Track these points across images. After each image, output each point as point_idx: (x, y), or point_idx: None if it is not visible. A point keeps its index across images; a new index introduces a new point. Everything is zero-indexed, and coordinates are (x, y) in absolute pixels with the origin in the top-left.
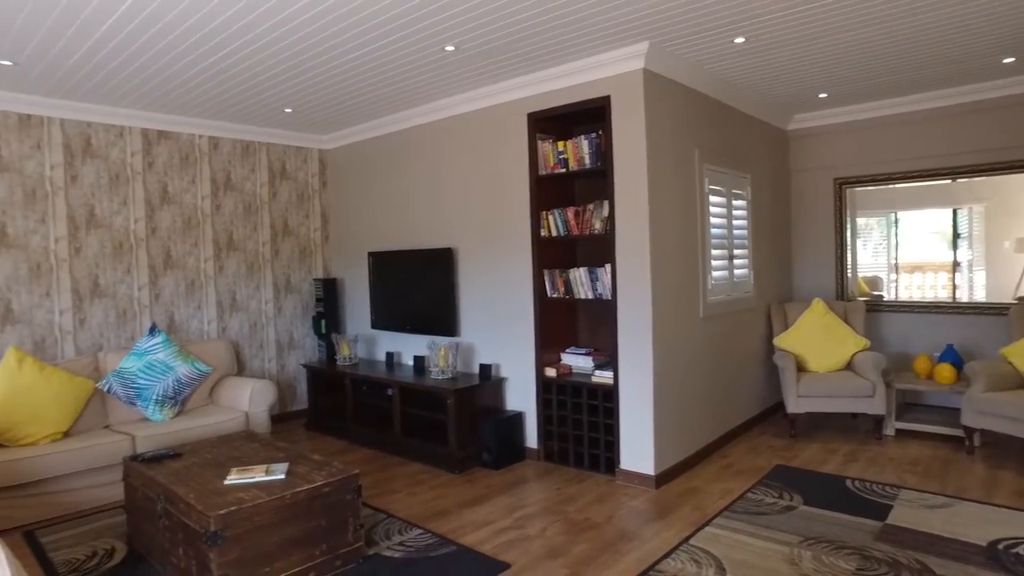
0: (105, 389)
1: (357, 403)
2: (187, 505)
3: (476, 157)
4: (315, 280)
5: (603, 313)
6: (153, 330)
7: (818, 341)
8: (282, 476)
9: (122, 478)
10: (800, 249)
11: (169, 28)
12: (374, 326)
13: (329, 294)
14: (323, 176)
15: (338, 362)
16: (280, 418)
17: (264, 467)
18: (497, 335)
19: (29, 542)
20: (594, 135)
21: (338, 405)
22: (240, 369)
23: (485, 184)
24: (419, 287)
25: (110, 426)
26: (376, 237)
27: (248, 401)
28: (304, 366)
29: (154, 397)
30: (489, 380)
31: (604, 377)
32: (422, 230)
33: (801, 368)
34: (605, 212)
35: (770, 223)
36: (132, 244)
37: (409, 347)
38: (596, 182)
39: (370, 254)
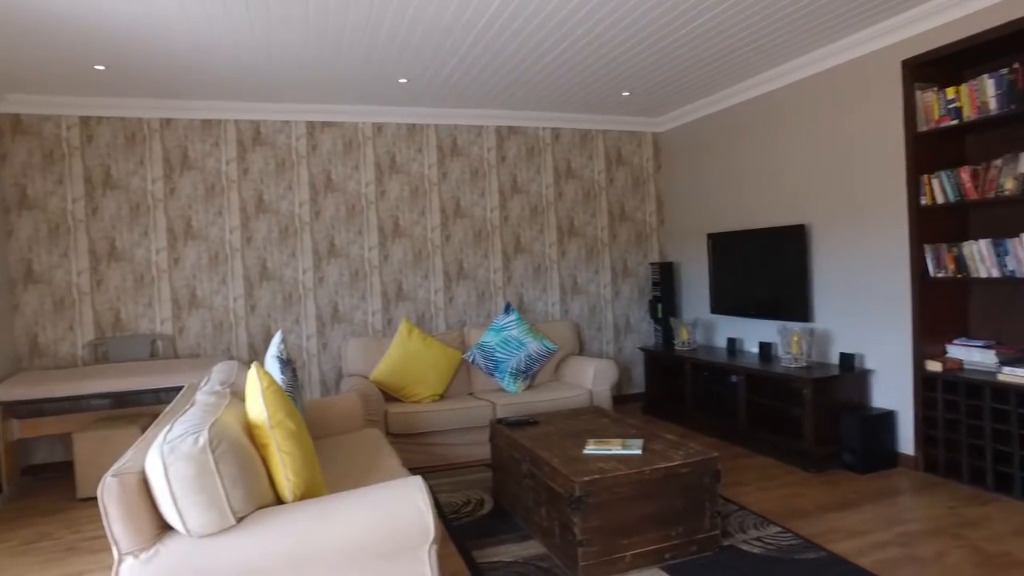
0: (470, 360)
1: (697, 389)
2: (552, 469)
3: (829, 121)
4: (651, 264)
5: (1011, 296)
6: (508, 309)
7: None
8: (639, 451)
9: (489, 439)
10: None
11: (525, 25)
12: (714, 310)
13: (665, 278)
14: (657, 159)
15: (676, 347)
16: (616, 400)
17: (620, 441)
18: (860, 321)
19: None
20: (1004, 72)
21: (676, 391)
22: (580, 350)
23: (841, 150)
24: (765, 269)
25: (473, 393)
26: (713, 218)
27: (592, 379)
28: (641, 349)
29: (509, 370)
30: (851, 371)
31: (1016, 376)
32: (764, 208)
33: None
34: (1022, 167)
35: None
36: (488, 231)
37: (752, 333)
38: (1003, 132)
39: (709, 236)
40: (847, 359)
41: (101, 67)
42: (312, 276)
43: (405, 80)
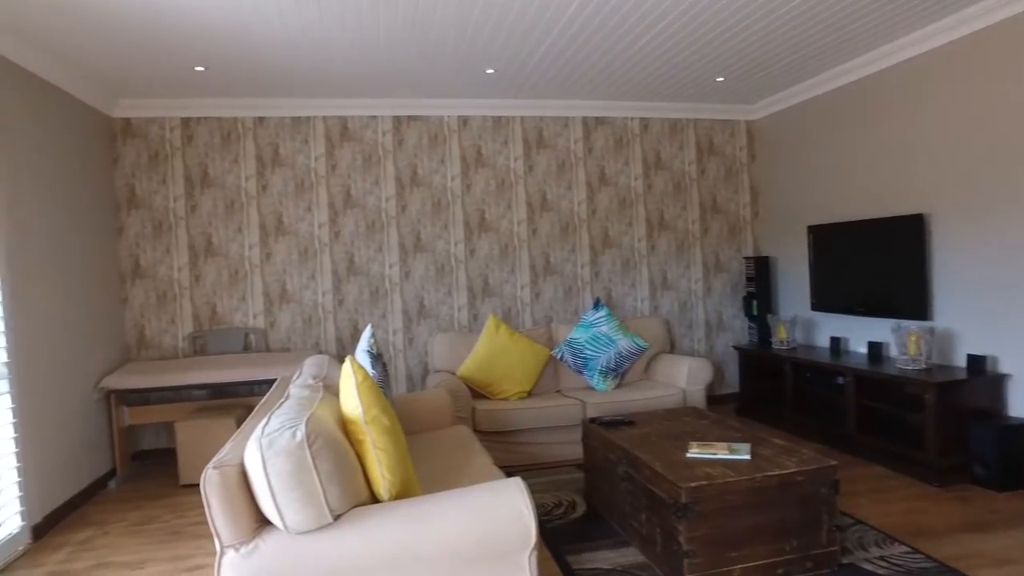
0: (558, 357)
1: (798, 391)
2: (653, 472)
3: (955, 99)
4: (745, 258)
5: None
6: (597, 304)
7: None
8: (747, 456)
9: (581, 439)
10: None
11: (620, 6)
12: (815, 307)
13: (760, 273)
14: (751, 148)
15: (773, 345)
16: (709, 401)
17: (725, 445)
18: (994, 320)
19: None
20: None
21: (774, 392)
22: (671, 347)
23: (973, 130)
24: (874, 263)
25: (561, 391)
26: (814, 210)
27: (686, 378)
28: (735, 348)
29: (599, 368)
30: (982, 375)
31: None
32: (873, 197)
33: None
34: None
35: None
36: (576, 224)
37: (858, 331)
38: None
39: (810, 228)
40: (976, 362)
41: (201, 68)
42: (398, 271)
43: (492, 70)
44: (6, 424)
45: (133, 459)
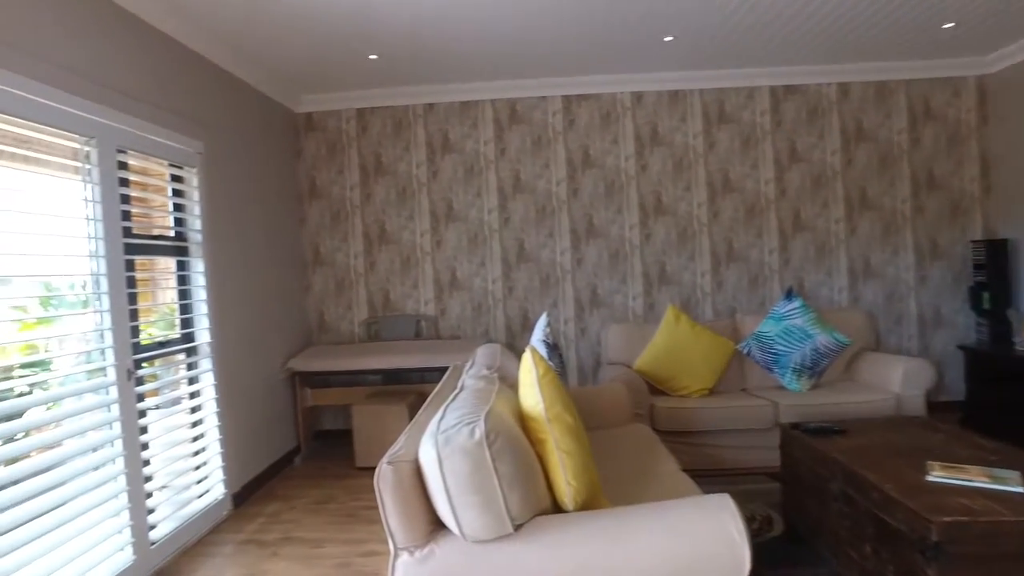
0: (744, 352)
1: None
2: (884, 496)
3: None
4: (972, 242)
5: None
6: (790, 294)
7: None
8: (1020, 489)
9: (779, 446)
10: None
11: None
12: None
13: (994, 260)
14: (981, 110)
15: (1017, 346)
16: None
17: (980, 470)
18: None
19: None
20: None
21: (1014, 402)
22: (876, 345)
23: None
24: None
25: (747, 389)
26: None
27: (900, 382)
28: (961, 348)
29: (792, 365)
30: None
31: None
32: None
33: None
34: None
35: None
36: (762, 206)
37: None
38: None
39: None
40: None
41: (375, 56)
42: (570, 257)
43: (671, 37)
44: (211, 399)
45: (315, 438)
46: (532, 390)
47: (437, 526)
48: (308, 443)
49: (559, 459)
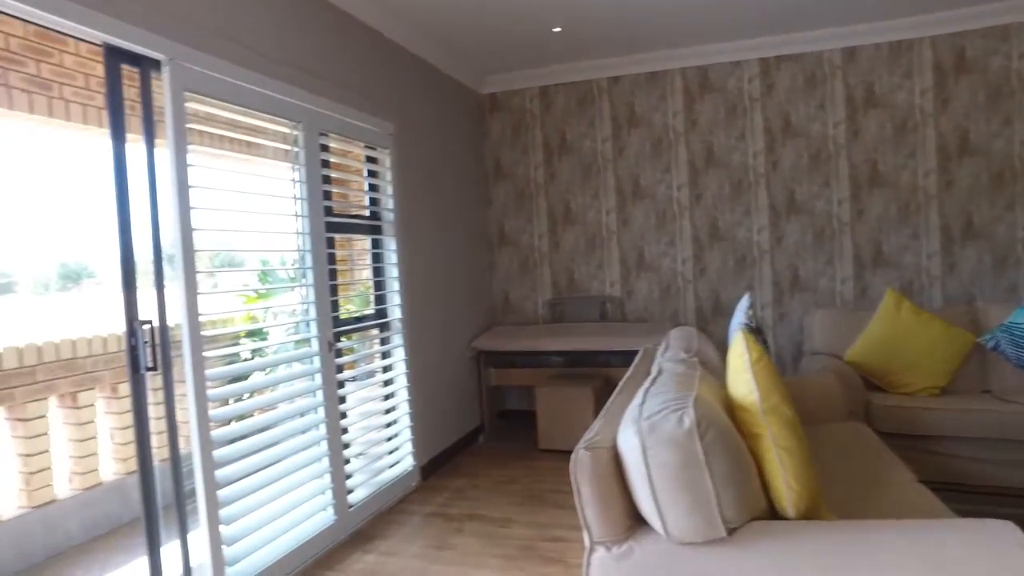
0: (989, 346)
1: None
2: None
3: None
4: None
5: None
6: None
7: None
8: None
9: None
10: None
11: None
12: None
13: None
14: None
15: None
16: None
17: None
18: None
19: None
20: None
21: None
22: None
23: None
24: None
25: (993, 392)
26: None
27: None
28: None
29: None
30: None
31: None
32: None
33: None
34: None
35: None
36: (1016, 171)
37: None
38: None
39: None
40: None
41: (558, 29)
42: (768, 236)
43: None
44: (402, 374)
45: (498, 417)
46: (744, 376)
47: (636, 521)
48: (492, 422)
49: (777, 457)
